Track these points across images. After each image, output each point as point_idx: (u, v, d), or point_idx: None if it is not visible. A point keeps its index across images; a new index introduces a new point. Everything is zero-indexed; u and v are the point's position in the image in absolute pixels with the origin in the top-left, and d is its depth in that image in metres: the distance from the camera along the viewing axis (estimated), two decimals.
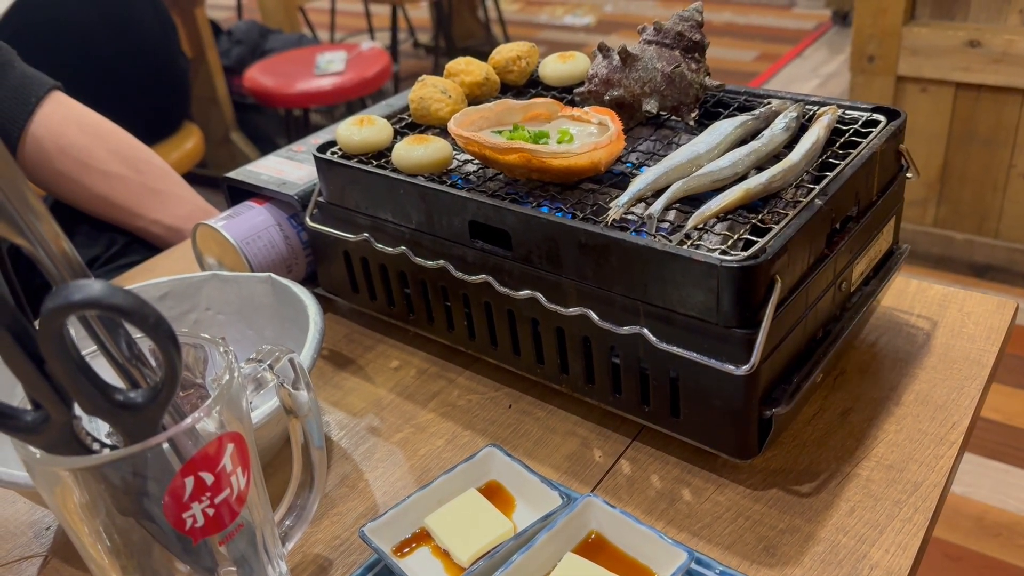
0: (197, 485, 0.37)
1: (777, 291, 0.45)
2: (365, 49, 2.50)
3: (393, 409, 0.62)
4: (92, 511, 0.38)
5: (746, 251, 0.46)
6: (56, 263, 0.32)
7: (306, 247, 0.71)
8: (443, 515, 0.48)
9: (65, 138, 0.86)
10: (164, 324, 0.31)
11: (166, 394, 0.34)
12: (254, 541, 0.42)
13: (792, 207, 0.50)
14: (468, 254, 0.57)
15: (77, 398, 0.32)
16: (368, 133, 0.62)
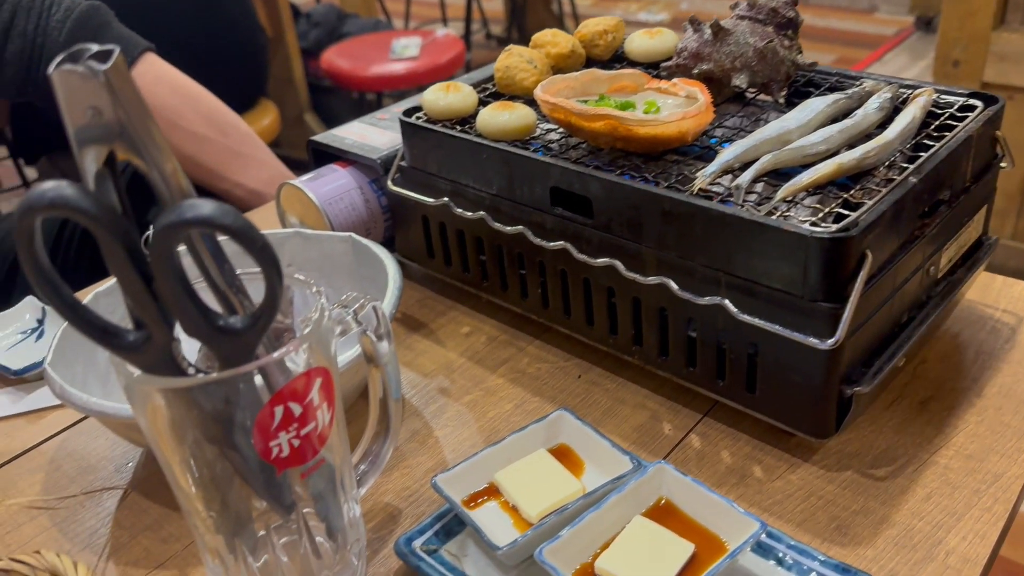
0: (285, 415, 0.38)
1: (867, 266, 0.44)
2: (440, 36, 2.52)
3: (463, 372, 0.62)
4: (181, 437, 0.39)
5: (836, 224, 0.45)
6: (169, 185, 0.33)
7: (385, 212, 0.72)
8: (513, 472, 0.49)
9: (157, 98, 0.88)
10: (270, 248, 0.32)
11: (264, 321, 0.34)
12: (332, 480, 0.43)
13: (885, 185, 0.49)
14: (547, 221, 0.57)
15: (180, 318, 0.34)
16: (453, 99, 0.63)
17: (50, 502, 0.54)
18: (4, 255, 0.98)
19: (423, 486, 0.53)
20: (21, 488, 0.56)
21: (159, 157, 0.32)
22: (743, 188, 0.48)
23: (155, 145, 0.32)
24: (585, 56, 0.70)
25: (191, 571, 0.49)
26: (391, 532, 0.50)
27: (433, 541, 0.47)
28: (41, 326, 0.70)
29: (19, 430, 0.61)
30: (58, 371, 0.52)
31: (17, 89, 0.89)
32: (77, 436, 0.60)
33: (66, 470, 0.57)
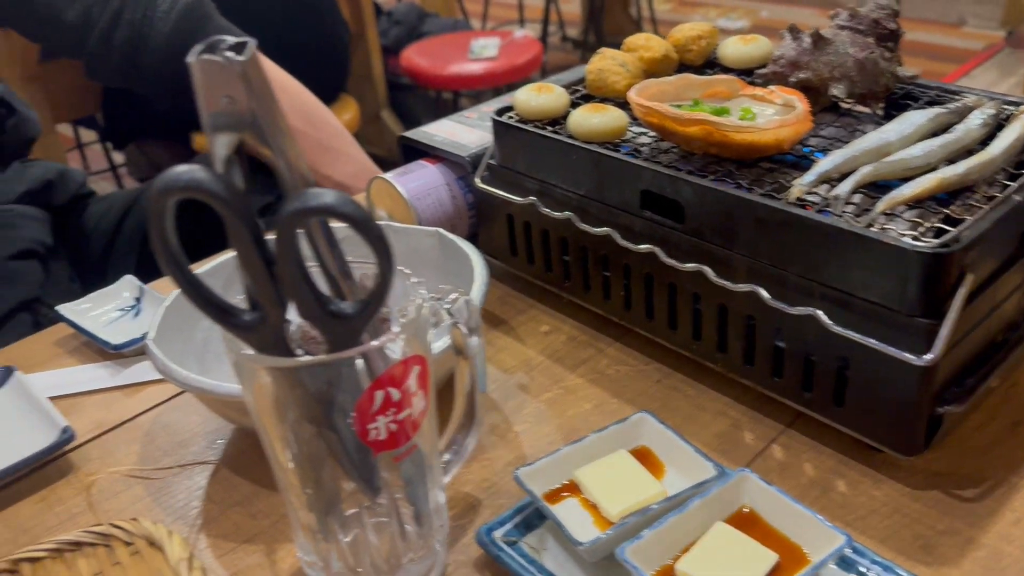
0: (385, 400, 0.39)
1: (968, 283, 0.44)
2: (518, 37, 2.54)
3: (542, 371, 0.63)
4: (282, 415, 0.41)
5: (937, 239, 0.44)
6: (293, 173, 0.35)
7: (470, 209, 0.73)
8: (594, 470, 0.49)
9: None
10: (385, 238, 0.33)
11: (373, 307, 0.36)
12: (421, 466, 0.44)
13: (986, 202, 0.48)
14: (635, 224, 0.57)
15: (296, 300, 0.35)
16: (545, 100, 0.64)
17: (146, 472, 0.57)
18: (100, 235, 1.02)
19: (502, 479, 0.54)
20: (118, 458, 0.58)
21: (285, 146, 0.34)
22: (842, 198, 0.48)
23: (282, 135, 0.34)
24: (677, 61, 0.70)
25: (278, 547, 0.50)
26: (471, 521, 0.51)
27: (513, 533, 0.48)
28: (138, 304, 0.73)
29: (116, 402, 0.64)
30: (159, 347, 0.55)
31: (121, 76, 0.94)
32: (171, 411, 0.62)
33: (160, 443, 0.59)
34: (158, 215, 0.32)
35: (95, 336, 0.67)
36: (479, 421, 0.51)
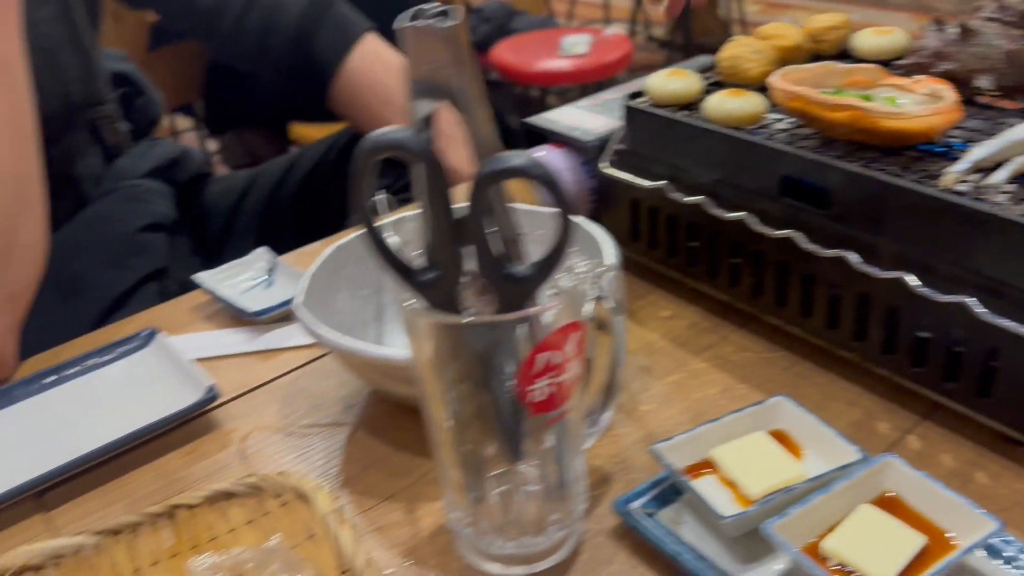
0: (546, 363, 0.40)
1: None
2: (609, 34, 2.54)
3: (665, 354, 0.64)
4: (442, 373, 0.43)
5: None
6: (484, 140, 0.36)
7: (591, 194, 0.74)
8: (731, 449, 0.50)
9: (374, 75, 0.94)
10: (570, 202, 0.34)
11: (548, 270, 0.37)
12: (568, 432, 0.45)
13: None
14: (772, 209, 0.57)
15: (481, 259, 0.36)
16: (679, 85, 0.64)
17: (288, 429, 0.59)
18: (219, 213, 1.06)
19: (632, 455, 0.55)
20: (258, 417, 0.61)
21: (479, 113, 0.35)
22: (998, 187, 0.47)
23: (475, 101, 0.35)
24: (810, 51, 0.69)
25: (418, 505, 0.52)
26: (603, 493, 0.52)
27: (649, 505, 0.49)
28: (271, 276, 0.76)
29: (253, 367, 0.67)
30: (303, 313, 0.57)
31: (249, 59, 0.97)
32: (306, 376, 0.65)
33: (297, 405, 0.62)
34: (362, 172, 0.34)
35: (233, 303, 0.71)
36: (617, 394, 0.52)
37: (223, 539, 0.50)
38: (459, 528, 0.47)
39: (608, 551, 0.48)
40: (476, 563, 0.48)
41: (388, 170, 0.97)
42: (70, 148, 0.89)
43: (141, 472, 0.57)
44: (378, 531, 0.51)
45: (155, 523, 0.51)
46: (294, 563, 0.47)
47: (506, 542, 0.46)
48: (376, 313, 0.68)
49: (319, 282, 0.62)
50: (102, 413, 0.61)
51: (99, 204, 0.91)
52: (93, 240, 0.86)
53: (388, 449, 0.57)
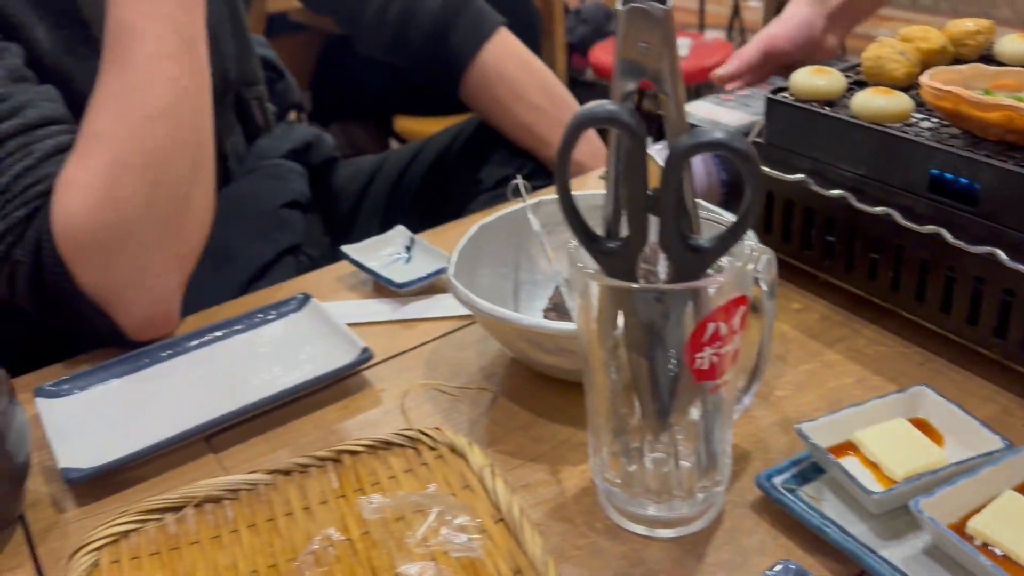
0: (714, 333, 0.43)
1: None
2: (709, 39, 2.54)
3: (797, 344, 0.65)
4: (605, 340, 0.45)
5: None
6: (680, 117, 0.39)
7: (722, 186, 0.76)
8: (874, 433, 0.51)
9: (506, 68, 0.98)
10: (762, 177, 0.37)
11: (730, 242, 0.40)
12: (720, 406, 0.47)
13: None
14: (918, 205, 0.58)
15: (664, 232, 0.39)
16: (823, 82, 0.66)
17: (435, 391, 0.63)
18: (348, 195, 1.11)
19: (768, 436, 0.57)
20: (406, 379, 0.65)
21: (677, 92, 0.38)
22: None
23: (676, 81, 0.38)
24: (953, 54, 0.70)
25: (561, 467, 0.55)
26: (742, 469, 0.54)
27: (791, 482, 0.51)
28: (409, 252, 0.80)
29: (396, 334, 0.71)
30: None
31: (386, 49, 1.02)
32: (447, 346, 0.69)
33: (441, 371, 0.66)
34: (570, 140, 0.37)
35: (379, 275, 0.75)
36: (761, 376, 0.54)
37: (384, 484, 0.54)
38: (608, 489, 0.50)
39: (750, 522, 0.50)
40: (622, 523, 0.51)
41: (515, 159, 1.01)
42: (220, 126, 0.95)
43: (302, 422, 0.62)
44: (524, 488, 0.54)
45: (322, 466, 0.55)
46: (453, 508, 0.50)
47: (654, 506, 0.49)
48: (513, 290, 0.71)
49: (464, 257, 0.66)
50: (263, 367, 0.66)
51: (245, 180, 0.97)
52: (240, 213, 0.92)
53: (530, 415, 0.60)
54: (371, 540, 0.50)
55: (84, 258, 0.64)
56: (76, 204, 0.64)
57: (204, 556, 0.50)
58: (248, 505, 0.53)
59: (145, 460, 0.58)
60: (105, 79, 0.67)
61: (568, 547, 0.50)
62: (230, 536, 0.51)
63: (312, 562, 0.48)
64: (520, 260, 0.72)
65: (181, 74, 0.67)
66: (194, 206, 0.70)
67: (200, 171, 0.70)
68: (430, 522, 0.50)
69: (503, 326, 0.58)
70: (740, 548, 0.48)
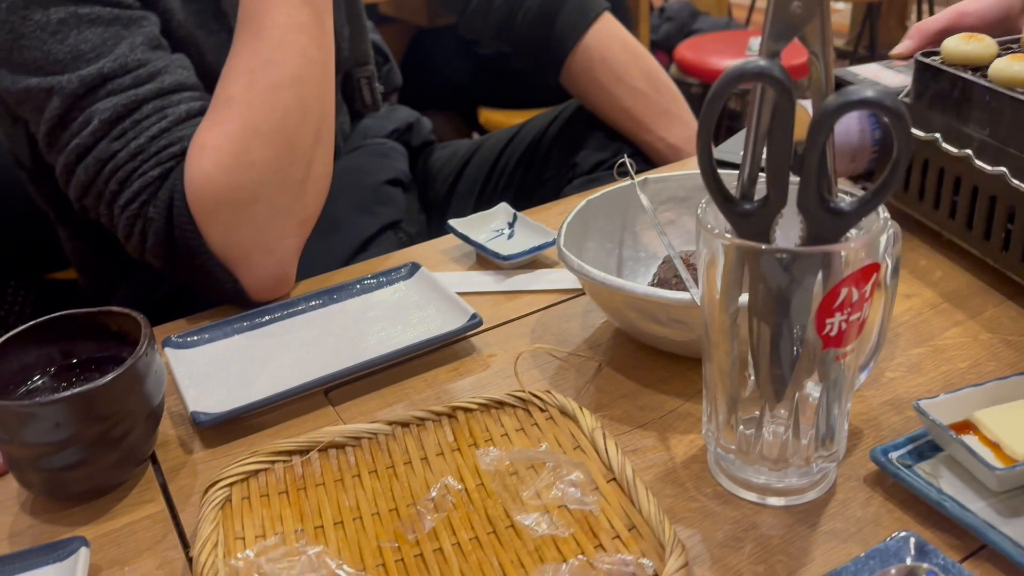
0: (846, 298, 0.43)
1: None
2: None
3: (909, 328, 0.65)
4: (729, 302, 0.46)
5: None
6: (828, 75, 0.39)
7: (875, 145, 0.75)
8: (996, 413, 0.51)
9: (609, 52, 0.99)
10: (911, 138, 0.37)
11: (872, 205, 0.40)
12: (844, 373, 0.47)
13: None
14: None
15: (804, 192, 0.40)
16: (973, 47, 0.66)
17: (543, 357, 0.65)
18: (444, 176, 1.14)
19: (880, 415, 0.56)
20: (512, 347, 0.67)
21: (828, 55, 0.39)
22: None
23: (826, 42, 0.38)
24: None
25: (669, 435, 0.56)
26: (854, 446, 0.54)
27: (907, 458, 0.51)
28: (512, 228, 0.82)
29: (501, 304, 0.73)
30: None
31: (494, 32, 1.04)
32: (550, 317, 0.70)
33: (545, 340, 0.67)
34: (719, 96, 0.38)
35: (485, 248, 0.77)
36: (879, 351, 0.54)
37: (497, 441, 0.55)
38: (721, 455, 0.51)
39: (864, 494, 0.50)
40: (733, 489, 0.51)
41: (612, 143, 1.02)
42: None
43: (414, 381, 0.64)
44: (633, 453, 0.55)
45: (438, 420, 0.57)
46: (566, 465, 0.51)
47: (766, 473, 0.50)
48: (616, 265, 0.72)
49: (572, 232, 0.67)
50: (377, 328, 0.68)
51: (351, 156, 1.00)
52: (346, 188, 0.95)
53: (635, 385, 0.61)
54: (486, 491, 0.51)
55: (213, 217, 0.68)
56: (208, 165, 0.67)
57: (329, 497, 0.52)
58: (369, 452, 0.55)
59: (268, 409, 0.61)
60: (238, 48, 0.70)
61: (680, 508, 0.50)
62: (352, 480, 0.53)
63: (432, 508, 0.50)
64: (624, 237, 0.73)
65: (309, 45, 0.70)
66: (315, 173, 0.73)
67: (322, 139, 0.72)
68: (544, 477, 0.51)
69: (615, 295, 0.59)
70: (853, 519, 0.49)
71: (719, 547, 0.48)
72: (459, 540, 0.48)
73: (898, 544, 0.44)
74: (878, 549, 0.44)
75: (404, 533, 0.49)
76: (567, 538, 0.48)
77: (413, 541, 0.48)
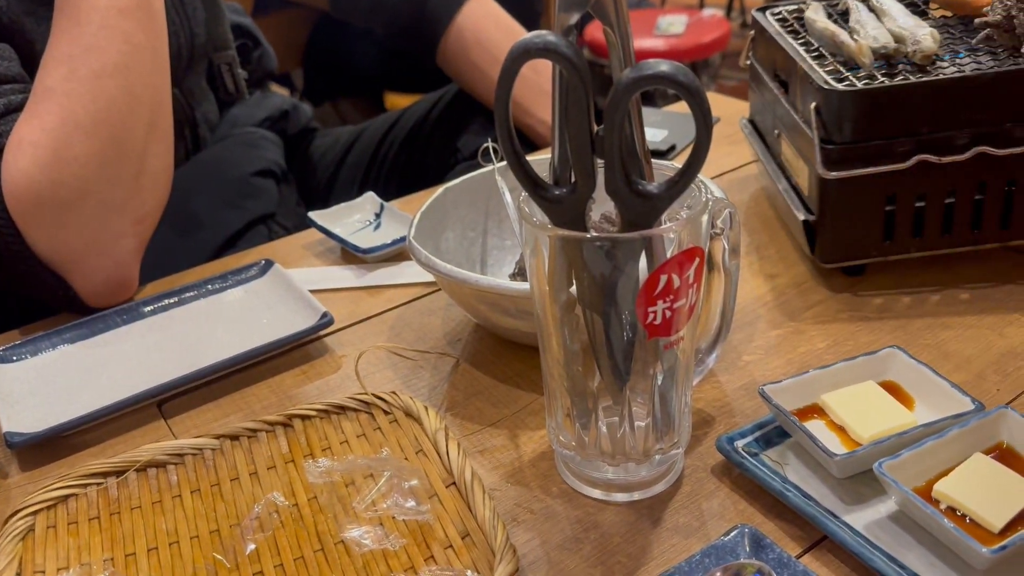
0: (667, 285, 0.41)
1: None
2: (706, 16, 2.50)
3: (770, 308, 0.63)
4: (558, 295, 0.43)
5: None
6: (627, 52, 0.37)
7: None
8: (841, 395, 0.49)
9: (484, 32, 0.95)
10: (710, 114, 0.34)
11: (680, 188, 0.38)
12: (678, 363, 0.45)
13: None
14: None
15: (610, 175, 0.37)
16: None
17: (396, 356, 0.61)
18: (325, 165, 1.09)
19: (734, 400, 0.55)
20: (366, 346, 0.63)
21: (623, 26, 0.36)
22: None
23: (621, 15, 0.36)
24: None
25: (520, 432, 0.54)
26: (705, 434, 0.52)
27: (753, 446, 0.49)
28: (379, 219, 0.78)
29: (362, 300, 0.69)
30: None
31: (364, 13, 1.00)
32: (412, 312, 0.67)
33: (404, 337, 0.64)
34: (509, 75, 0.35)
35: (345, 241, 0.73)
36: (725, 337, 0.52)
37: (335, 449, 0.52)
38: (563, 452, 0.48)
39: (710, 486, 0.48)
40: (578, 487, 0.49)
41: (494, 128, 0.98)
42: (191, 92, 0.93)
43: (257, 388, 0.60)
44: (481, 453, 0.52)
45: (272, 431, 0.53)
46: (404, 472, 0.48)
47: (609, 469, 0.47)
48: (480, 255, 0.69)
49: (429, 221, 0.64)
50: (221, 333, 0.64)
51: (216, 147, 0.95)
52: (209, 181, 0.89)
53: (491, 381, 0.58)
54: (318, 505, 0.48)
55: (35, 219, 0.63)
56: (26, 163, 0.62)
57: (145, 521, 0.48)
58: (194, 470, 0.51)
59: (94, 426, 0.57)
60: (56, 34, 0.64)
61: (521, 511, 0.48)
62: (173, 501, 0.49)
63: (255, 527, 0.47)
64: (489, 225, 0.70)
65: (135, 29, 0.65)
66: (152, 167, 0.68)
67: (157, 131, 0.68)
68: (379, 486, 0.48)
69: (462, 288, 0.56)
70: (698, 512, 0.47)
71: (557, 549, 0.45)
72: (283, 561, 0.45)
73: (734, 540, 0.42)
74: (714, 546, 0.42)
75: (223, 557, 0.45)
76: (398, 551, 0.45)
77: (232, 565, 0.45)
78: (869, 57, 0.60)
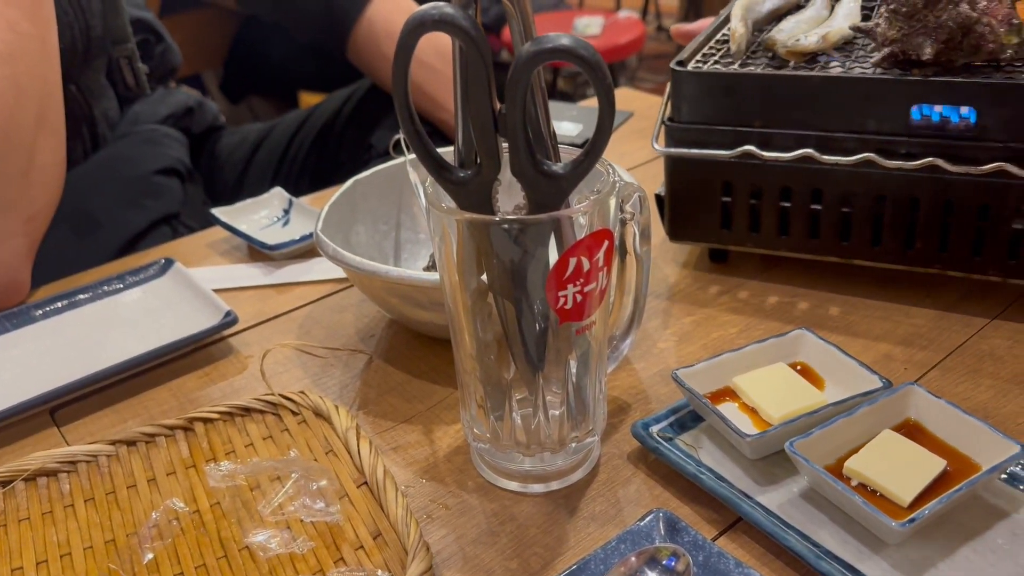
0: (576, 268, 0.40)
1: None
2: (622, 17, 2.53)
3: (684, 295, 0.63)
4: (468, 283, 0.42)
5: None
6: (527, 27, 0.36)
7: None
8: (753, 378, 0.50)
9: (395, 25, 0.94)
10: (612, 89, 0.34)
11: (585, 168, 0.37)
12: (591, 349, 0.45)
13: None
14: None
15: (514, 155, 0.36)
16: None
17: (306, 355, 0.59)
18: (233, 164, 1.06)
19: (649, 387, 0.54)
20: (274, 345, 0.61)
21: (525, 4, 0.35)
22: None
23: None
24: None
25: (435, 427, 0.52)
26: (621, 421, 0.52)
27: (668, 431, 0.49)
28: (287, 215, 0.76)
29: (270, 299, 0.67)
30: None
31: (271, 8, 0.97)
32: (323, 308, 0.65)
33: (315, 335, 0.62)
34: (406, 49, 0.33)
35: (250, 238, 0.70)
36: (638, 322, 0.52)
37: (240, 452, 0.50)
38: (478, 444, 0.47)
39: (626, 473, 0.48)
40: (494, 480, 0.48)
41: None
42: (89, 88, 0.89)
43: (157, 391, 0.57)
44: (395, 450, 0.51)
45: (171, 435, 0.51)
46: (312, 472, 0.47)
47: (525, 459, 0.46)
48: (394, 249, 0.68)
49: (338, 214, 0.62)
50: (118, 336, 0.61)
51: (116, 145, 0.91)
52: (109, 180, 0.86)
53: (405, 376, 0.57)
54: (221, 510, 0.46)
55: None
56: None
57: (34, 533, 0.45)
58: (87, 478, 0.48)
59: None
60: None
61: (436, 507, 0.46)
62: (65, 511, 0.46)
63: (153, 535, 0.44)
64: (402, 218, 0.69)
65: (20, 18, 0.61)
66: (41, 162, 0.64)
67: (47, 124, 0.64)
68: (286, 489, 0.46)
69: (372, 281, 0.54)
70: (614, 500, 0.46)
71: (472, 544, 0.44)
72: (183, 570, 0.43)
73: (649, 525, 0.42)
74: (630, 531, 0.42)
75: (119, 567, 0.43)
76: (306, 554, 0.43)
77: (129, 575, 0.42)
78: (739, 45, 0.61)
